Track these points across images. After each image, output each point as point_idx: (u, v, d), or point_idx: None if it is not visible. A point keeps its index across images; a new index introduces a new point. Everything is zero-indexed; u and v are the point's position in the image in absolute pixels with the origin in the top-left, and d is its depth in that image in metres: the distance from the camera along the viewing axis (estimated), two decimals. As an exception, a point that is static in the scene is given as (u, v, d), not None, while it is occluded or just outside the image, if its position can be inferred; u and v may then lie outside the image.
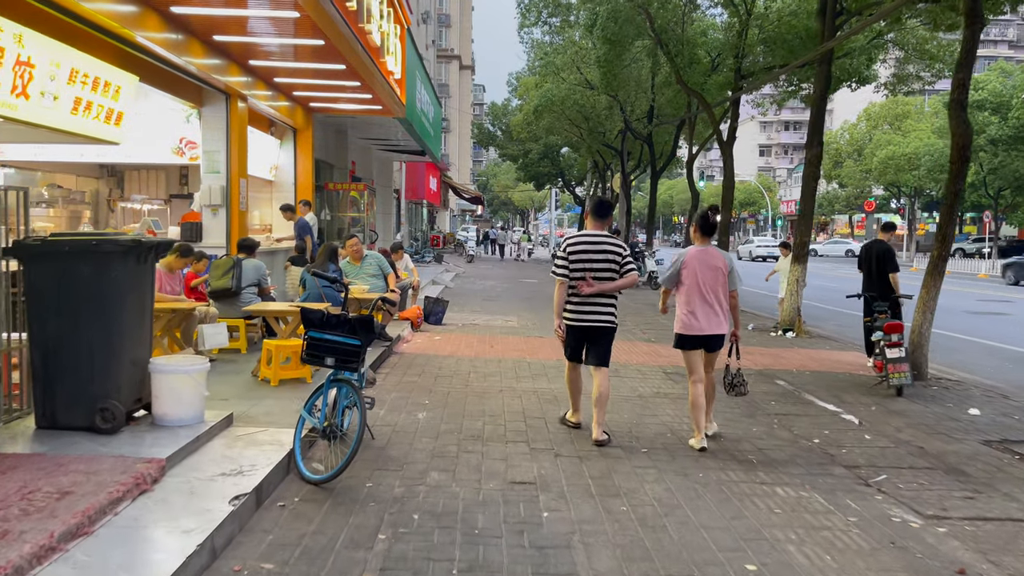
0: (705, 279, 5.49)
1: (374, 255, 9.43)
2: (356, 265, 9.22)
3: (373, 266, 9.26)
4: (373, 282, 9.13)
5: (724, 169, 16.54)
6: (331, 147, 17.17)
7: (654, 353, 9.94)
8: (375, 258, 9.35)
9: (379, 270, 9.27)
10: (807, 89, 19.96)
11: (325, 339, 4.50)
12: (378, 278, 9.23)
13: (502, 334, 11.25)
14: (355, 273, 9.14)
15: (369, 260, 9.28)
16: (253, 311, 7.17)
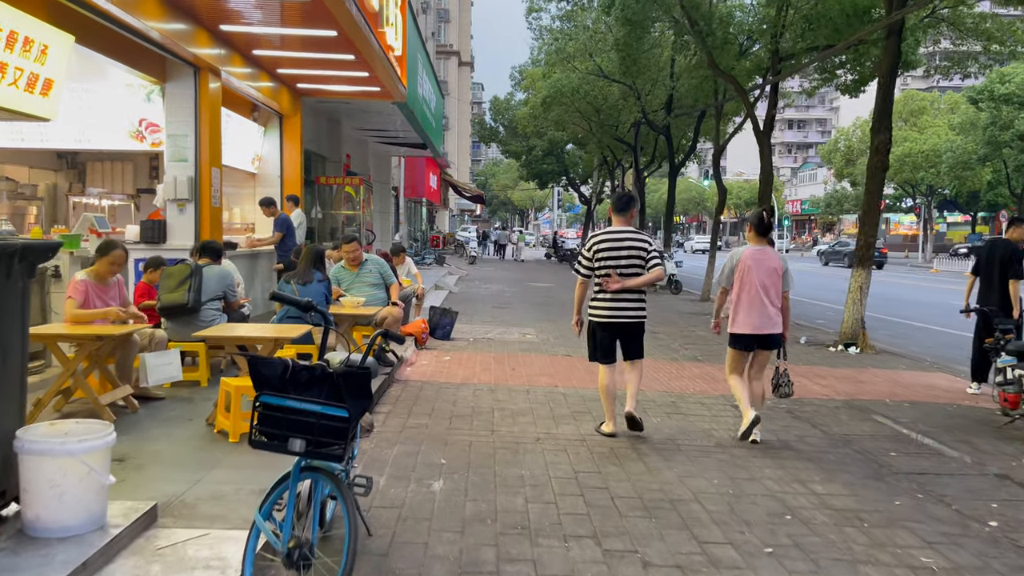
0: (762, 279, 5.52)
1: (375, 260, 7.72)
2: (353, 272, 7.51)
3: (373, 273, 7.56)
4: (372, 293, 7.43)
5: (761, 162, 14.88)
6: (323, 137, 15.47)
7: (710, 377, 8.24)
8: (376, 264, 7.64)
9: (380, 278, 7.56)
10: (842, 76, 18.39)
11: (289, 408, 2.75)
12: (378, 288, 7.52)
13: (521, 350, 9.56)
14: (350, 281, 7.43)
15: (368, 266, 7.58)
16: (207, 337, 5.40)
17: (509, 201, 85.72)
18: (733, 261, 5.66)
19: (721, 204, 18.52)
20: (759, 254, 5.59)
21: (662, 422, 6.20)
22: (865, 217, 10.82)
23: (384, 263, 7.71)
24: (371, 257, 7.77)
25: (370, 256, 7.78)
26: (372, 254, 7.95)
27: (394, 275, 8.61)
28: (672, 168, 22.39)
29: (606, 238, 5.51)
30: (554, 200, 52.28)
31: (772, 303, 5.53)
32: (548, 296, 17.92)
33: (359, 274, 7.48)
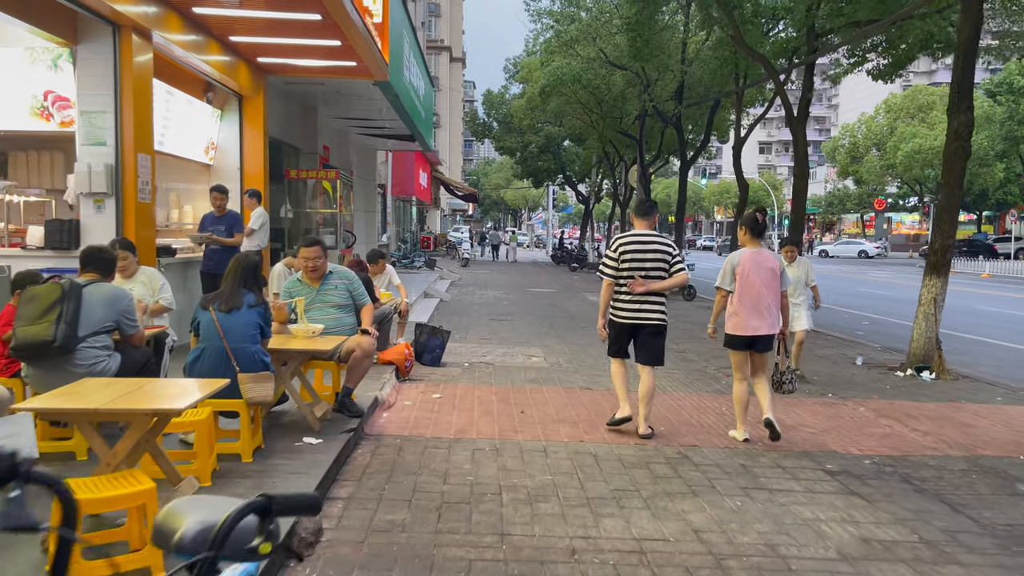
0: (761, 281, 5.57)
1: (342, 273, 5.83)
2: (312, 287, 5.63)
3: (339, 290, 5.67)
4: (335, 317, 5.55)
5: (795, 151, 13.08)
6: (296, 126, 13.56)
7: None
8: (343, 278, 5.76)
9: (348, 297, 5.67)
10: (873, 60, 16.64)
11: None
12: (345, 310, 5.63)
13: (529, 380, 7.69)
14: (309, 300, 5.53)
15: (333, 281, 5.69)
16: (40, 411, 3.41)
17: (502, 201, 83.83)
18: (733, 263, 5.68)
19: (743, 201, 16.71)
20: (757, 256, 5.65)
21: (768, 532, 4.32)
22: (944, 214, 8.99)
23: (354, 277, 5.82)
24: (338, 269, 5.87)
25: (337, 268, 5.86)
26: (340, 265, 6.00)
27: (370, 290, 6.74)
28: (683, 163, 20.60)
29: (633, 240, 5.58)
30: (549, 199, 50.32)
31: (771, 304, 5.62)
32: (551, 305, 16.05)
33: (321, 290, 5.58)
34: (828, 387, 7.98)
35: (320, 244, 5.69)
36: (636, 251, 5.52)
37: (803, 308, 8.20)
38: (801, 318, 8.15)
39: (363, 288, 5.75)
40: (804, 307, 8.24)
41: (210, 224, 8.09)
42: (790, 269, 7.70)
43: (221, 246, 7.86)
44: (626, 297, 5.55)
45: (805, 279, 8.20)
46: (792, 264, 8.02)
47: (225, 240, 7.94)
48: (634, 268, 5.50)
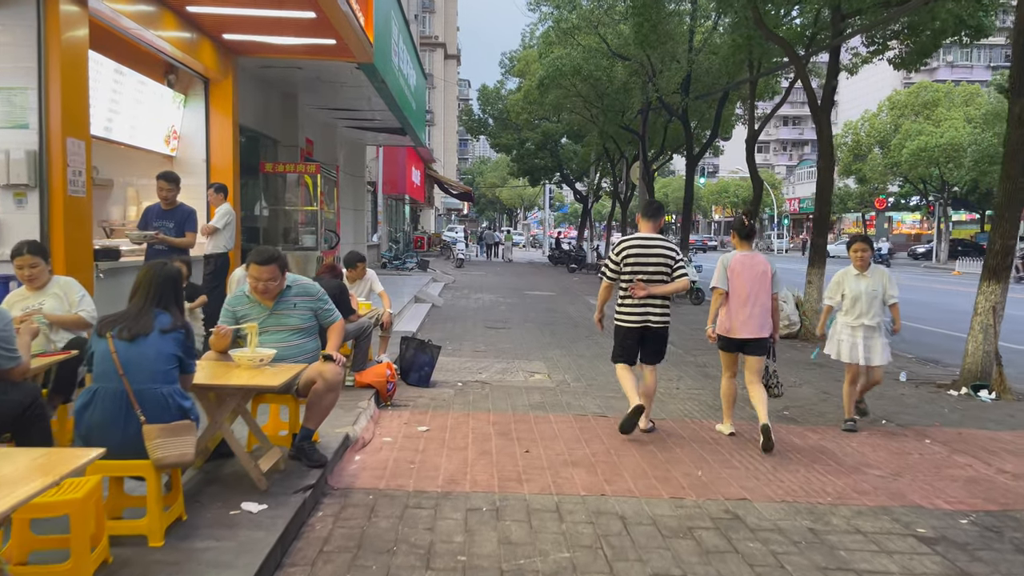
0: (752, 283, 5.56)
1: (304, 288, 4.57)
2: (266, 307, 4.42)
3: (300, 310, 4.46)
4: (295, 345, 4.37)
5: (819, 143, 11.99)
6: (275, 116, 12.41)
7: (830, 458, 5.26)
8: (305, 294, 4.53)
9: (310, 318, 4.49)
10: (895, 48, 15.56)
11: None
12: (307, 335, 4.44)
13: (532, 406, 6.56)
14: (262, 321, 4.37)
15: (292, 298, 4.47)
16: None
17: (497, 200, 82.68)
18: (725, 264, 5.70)
19: (757, 199, 15.62)
20: (747, 259, 5.68)
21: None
22: (1004, 211, 7.89)
23: (318, 293, 4.58)
24: (298, 283, 4.55)
25: (297, 282, 4.55)
26: (302, 277, 4.70)
27: (344, 300, 5.61)
28: (690, 159, 19.49)
29: (636, 244, 5.57)
30: (546, 198, 49.20)
31: (761, 307, 5.59)
32: (551, 309, 14.93)
33: (276, 311, 4.39)
34: (878, 411, 6.87)
35: (277, 262, 4.29)
36: (639, 255, 5.53)
37: (879, 335, 6.05)
38: (877, 348, 6.03)
39: (331, 304, 4.57)
40: (881, 333, 6.07)
41: (155, 219, 6.73)
42: (862, 280, 6.02)
43: (169, 247, 6.55)
44: (630, 300, 5.56)
45: (883, 294, 6.05)
46: (865, 273, 6.06)
47: (175, 240, 6.65)
48: (636, 272, 5.52)
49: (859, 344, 6.01)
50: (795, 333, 11.64)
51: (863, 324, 6.00)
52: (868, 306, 5.99)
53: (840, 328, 6.15)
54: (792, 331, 11.65)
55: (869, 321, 6.00)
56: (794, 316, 11.72)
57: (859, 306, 6.00)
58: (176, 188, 6.67)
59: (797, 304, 11.85)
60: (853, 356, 6.04)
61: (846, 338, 6.08)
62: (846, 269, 6.20)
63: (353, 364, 6.37)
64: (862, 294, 5.97)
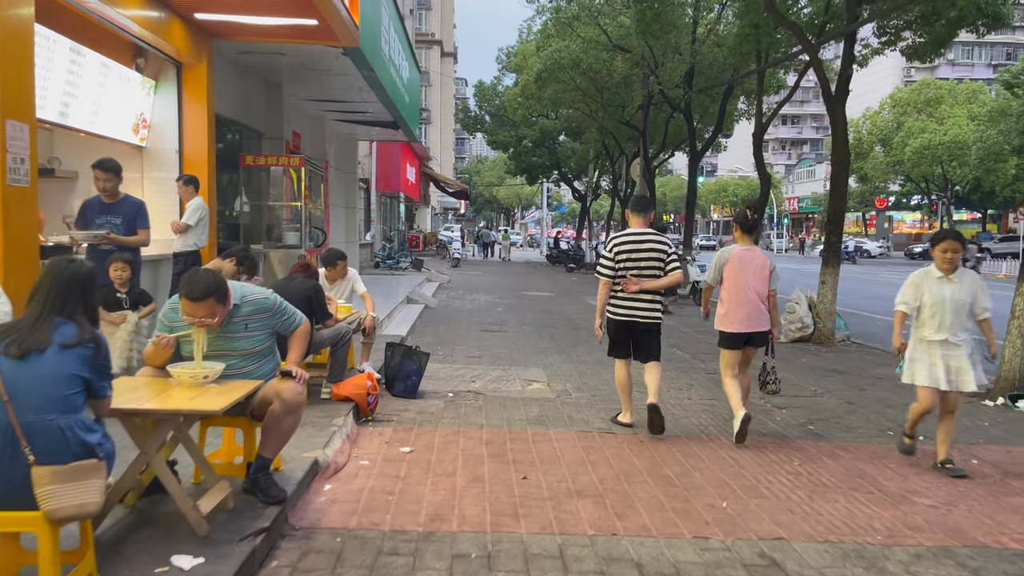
0: (749, 277, 5.52)
1: (258, 303, 3.73)
2: (209, 333, 3.62)
3: (253, 331, 3.69)
4: (248, 371, 3.65)
5: (834, 136, 11.33)
6: (258, 106, 11.74)
7: (871, 487, 4.60)
8: (259, 309, 3.72)
9: (267, 338, 3.76)
10: (909, 39, 14.93)
11: None
12: (262, 358, 3.71)
13: (531, 421, 5.89)
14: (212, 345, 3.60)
15: (242, 318, 3.67)
16: None
17: (495, 199, 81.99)
18: (721, 259, 5.67)
19: (765, 195, 14.96)
20: (746, 253, 5.62)
21: None
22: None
23: (275, 305, 3.78)
24: (250, 296, 3.70)
25: (248, 295, 3.70)
26: (253, 288, 3.85)
27: (320, 303, 4.95)
28: (693, 155, 18.85)
29: (628, 239, 5.58)
30: (543, 197, 48.55)
31: (759, 301, 5.54)
32: (550, 311, 14.26)
33: (223, 333, 3.61)
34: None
35: (213, 295, 3.39)
36: (631, 250, 5.53)
37: (966, 351, 4.86)
38: (965, 369, 4.83)
39: (290, 312, 3.85)
40: (968, 350, 4.87)
41: (97, 215, 5.76)
42: (946, 285, 4.88)
43: (117, 247, 5.58)
44: (622, 294, 5.57)
45: (971, 304, 4.92)
46: (951, 277, 4.91)
47: (128, 240, 5.77)
48: (629, 267, 5.51)
49: (939, 364, 4.83)
50: (808, 336, 10.99)
51: (945, 340, 4.84)
52: (952, 318, 4.85)
53: (914, 345, 5.01)
54: (805, 334, 11.00)
55: (953, 337, 4.84)
56: (807, 319, 11.07)
57: (940, 317, 4.84)
58: (117, 178, 5.68)
59: (810, 306, 11.20)
60: (933, 379, 4.85)
61: (922, 356, 4.93)
62: (926, 269, 5.04)
63: (330, 374, 5.71)
64: (946, 302, 4.83)
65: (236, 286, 3.65)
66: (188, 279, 3.36)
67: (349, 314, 6.32)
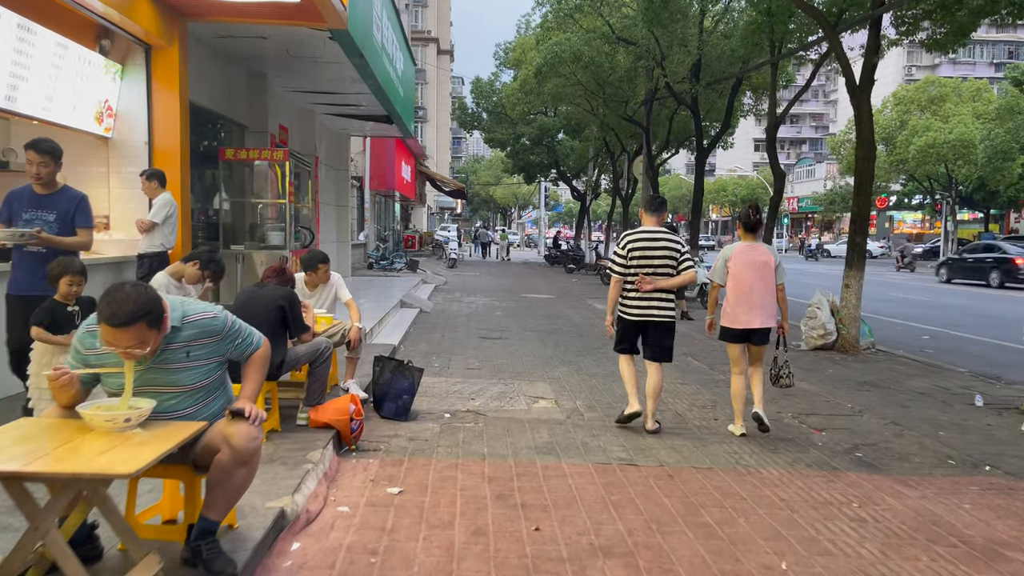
0: (753, 274, 5.56)
1: (202, 326, 2.88)
2: (139, 363, 2.78)
3: (199, 361, 2.87)
4: (190, 411, 2.82)
5: (858, 130, 10.59)
6: (240, 97, 10.93)
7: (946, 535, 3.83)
8: (203, 333, 2.88)
9: (216, 367, 2.94)
10: (928, 29, 14.20)
11: None
12: (208, 393, 2.85)
13: (540, 451, 5.10)
14: (142, 379, 2.78)
15: (181, 346, 2.83)
16: None
17: (491, 199, 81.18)
18: (725, 257, 5.72)
19: (779, 193, 14.21)
20: (749, 250, 5.66)
21: None
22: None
23: (223, 327, 2.96)
24: (190, 318, 2.87)
25: (189, 315, 2.88)
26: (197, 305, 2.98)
27: (294, 314, 4.18)
28: (699, 152, 18.08)
29: (641, 238, 5.57)
30: (541, 196, 47.75)
31: (763, 297, 5.57)
32: (552, 315, 13.48)
33: (155, 363, 2.80)
34: (971, 452, 5.46)
35: (144, 319, 2.59)
36: (644, 248, 5.53)
37: None
38: None
39: (246, 333, 3.05)
40: None
41: (26, 208, 4.65)
42: None
43: (49, 249, 4.57)
44: (634, 294, 5.54)
45: None
46: None
47: (65, 241, 4.66)
48: (642, 265, 5.51)
49: None
50: (831, 344, 10.23)
51: None
52: None
53: None
54: (828, 342, 10.24)
55: None
56: (830, 324, 10.31)
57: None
58: (55, 163, 4.65)
59: (833, 310, 10.44)
60: None
61: None
62: None
63: (307, 397, 4.92)
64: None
65: (175, 303, 2.85)
66: (109, 298, 2.55)
67: (331, 326, 5.53)
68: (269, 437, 4.61)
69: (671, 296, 5.59)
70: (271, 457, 4.20)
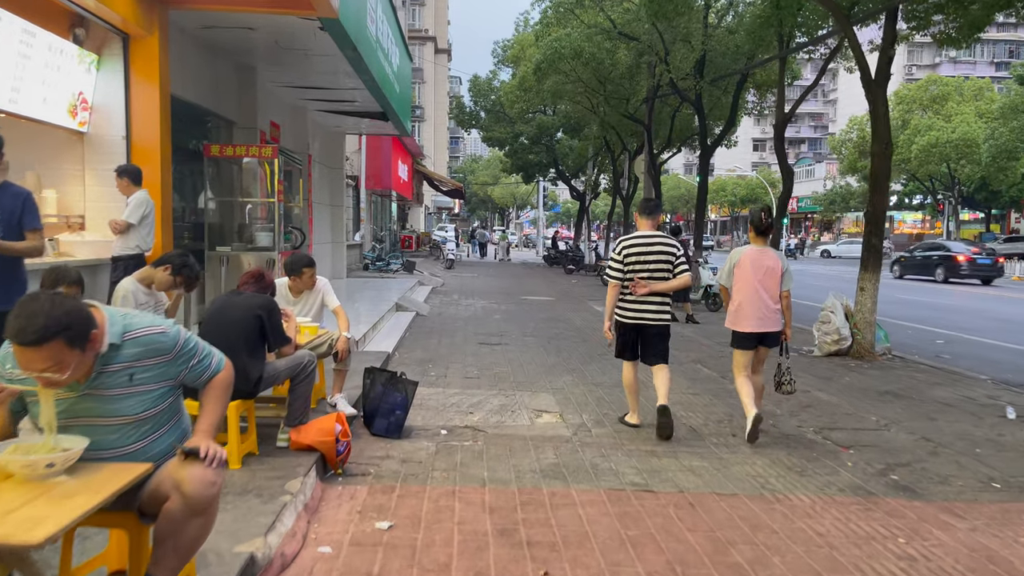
0: (760, 278, 5.57)
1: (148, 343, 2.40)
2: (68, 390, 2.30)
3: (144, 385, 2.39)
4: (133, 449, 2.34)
5: (874, 125, 10.15)
6: (228, 92, 10.45)
7: None
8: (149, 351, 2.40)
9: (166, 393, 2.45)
10: (940, 24, 13.77)
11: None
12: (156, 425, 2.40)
13: (546, 475, 4.64)
14: (65, 408, 2.30)
15: (118, 367, 2.35)
16: None
17: (489, 198, 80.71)
18: (733, 260, 5.74)
19: (788, 191, 13.76)
20: (757, 254, 5.66)
21: None
22: None
23: (174, 346, 2.45)
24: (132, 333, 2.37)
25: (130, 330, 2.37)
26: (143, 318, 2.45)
27: (273, 323, 3.72)
28: (704, 149, 17.62)
29: (636, 242, 5.59)
30: (539, 196, 47.28)
31: (770, 302, 5.58)
32: (553, 319, 13.02)
33: (89, 388, 2.32)
34: (1010, 470, 5.01)
35: (62, 336, 2.12)
36: (640, 252, 5.55)
37: None
38: None
39: (203, 354, 2.54)
40: None
41: None
42: None
43: None
44: (630, 297, 5.58)
45: None
46: None
47: (12, 247, 4.10)
48: (638, 269, 5.54)
49: None
50: (846, 350, 9.78)
51: None
52: None
53: None
54: (842, 347, 9.79)
55: None
56: (844, 329, 9.85)
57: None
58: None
59: (847, 315, 9.99)
60: None
61: None
62: None
63: (288, 416, 4.45)
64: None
65: (114, 316, 2.37)
66: (19, 310, 2.07)
67: (316, 336, 5.06)
68: (245, 462, 4.14)
69: (667, 300, 5.64)
70: (244, 487, 3.73)
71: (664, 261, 5.54)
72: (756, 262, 5.63)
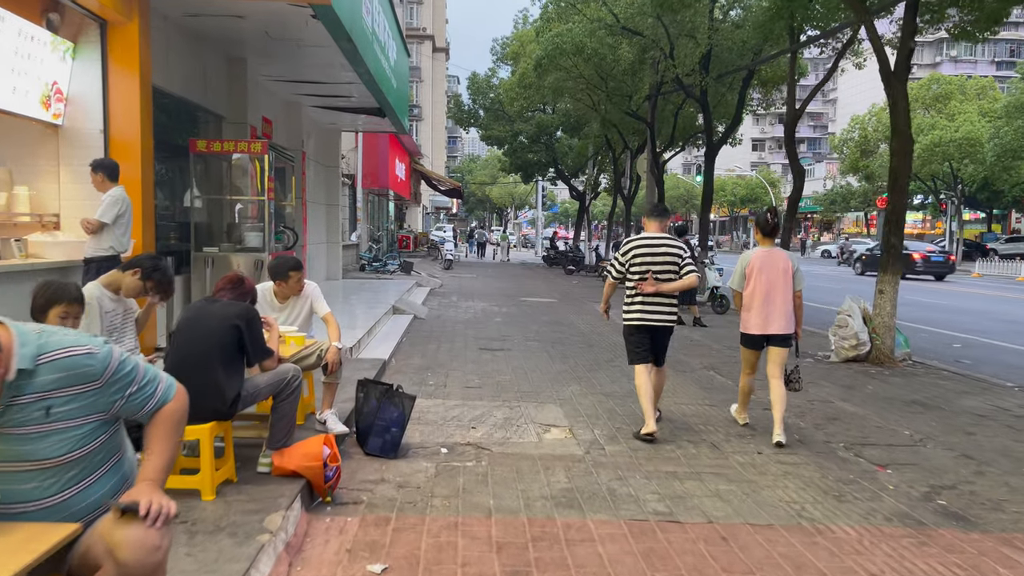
0: (771, 279, 5.60)
1: (68, 366, 1.91)
2: None
3: (71, 421, 1.93)
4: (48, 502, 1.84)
5: (893, 120, 9.72)
6: (217, 85, 9.98)
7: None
8: (71, 376, 1.92)
9: (97, 429, 1.96)
10: (954, 17, 13.34)
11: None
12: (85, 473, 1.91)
13: (557, 502, 4.17)
14: None
15: (32, 397, 1.88)
16: None
17: (487, 198, 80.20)
18: (744, 262, 5.75)
19: (798, 190, 13.31)
20: (767, 255, 5.69)
21: None
22: None
23: (104, 369, 1.97)
24: (47, 356, 1.90)
25: (45, 352, 1.90)
26: (64, 333, 1.97)
27: (253, 335, 3.27)
28: (709, 148, 17.16)
29: (643, 243, 5.62)
30: (538, 196, 46.80)
31: (781, 303, 5.59)
32: (556, 322, 12.55)
33: (3, 421, 1.87)
34: (1076, 497, 4.55)
35: None
36: (646, 254, 5.57)
37: None
38: None
39: (146, 379, 2.06)
40: None
41: None
42: None
43: None
44: (638, 299, 5.59)
45: None
46: None
47: None
48: (644, 272, 5.54)
49: None
50: (864, 356, 9.33)
51: None
52: None
53: None
54: (861, 352, 9.34)
55: None
56: (863, 334, 9.39)
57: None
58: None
59: (865, 319, 9.53)
60: None
61: None
62: None
63: (271, 438, 3.97)
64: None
65: (27, 335, 1.89)
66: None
67: (304, 347, 4.59)
68: (220, 492, 3.66)
69: (674, 301, 5.67)
70: (217, 524, 3.25)
71: (670, 262, 5.56)
72: (768, 264, 5.66)
